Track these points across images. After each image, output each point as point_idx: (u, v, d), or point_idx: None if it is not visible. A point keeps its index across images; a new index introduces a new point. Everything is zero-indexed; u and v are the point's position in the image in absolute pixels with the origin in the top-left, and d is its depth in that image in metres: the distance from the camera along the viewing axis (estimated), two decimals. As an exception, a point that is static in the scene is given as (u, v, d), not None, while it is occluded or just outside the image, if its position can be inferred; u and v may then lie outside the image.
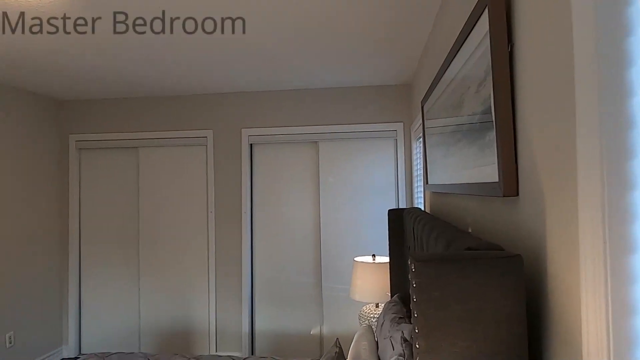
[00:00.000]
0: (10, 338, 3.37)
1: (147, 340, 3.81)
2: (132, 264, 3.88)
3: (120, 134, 3.88)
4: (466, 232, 1.25)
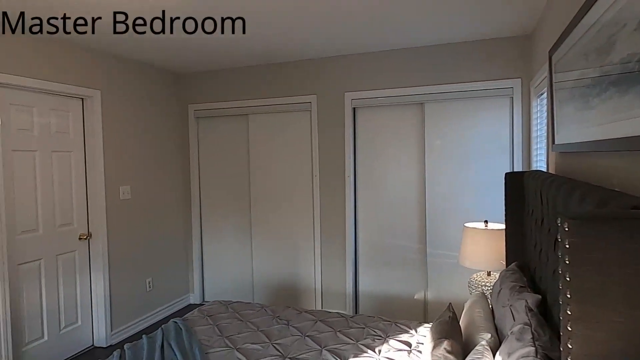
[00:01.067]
0: (149, 283, 3.91)
1: (259, 293, 4.15)
2: (244, 223, 4.20)
3: (231, 102, 4.12)
4: (621, 191, 1.10)
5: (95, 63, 3.37)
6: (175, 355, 2.07)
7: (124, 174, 3.64)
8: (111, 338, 3.48)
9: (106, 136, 3.46)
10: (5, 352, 2.72)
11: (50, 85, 3.02)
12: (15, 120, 2.88)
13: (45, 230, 3.08)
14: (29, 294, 2.96)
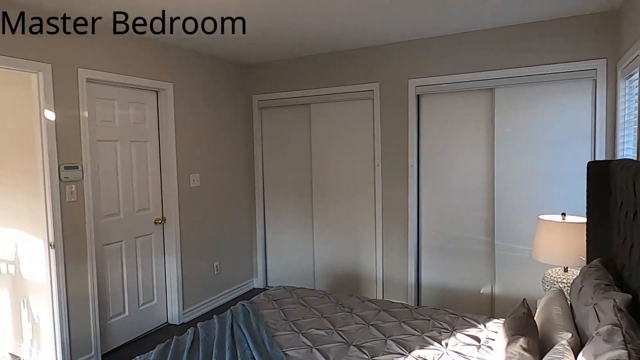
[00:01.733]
0: (217, 267, 4.11)
1: (320, 280, 4.21)
2: (306, 211, 4.26)
3: (293, 92, 4.17)
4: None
5: (168, 57, 3.55)
6: (244, 336, 2.16)
7: (194, 163, 3.83)
8: (183, 316, 3.71)
9: (178, 126, 3.65)
10: (94, 324, 3.00)
11: (129, 80, 3.23)
12: (100, 113, 3.13)
13: (125, 215, 3.33)
14: (112, 273, 3.22)
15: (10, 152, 3.03)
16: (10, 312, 3.20)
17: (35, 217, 2.87)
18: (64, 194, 2.80)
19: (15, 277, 3.14)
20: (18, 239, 3.07)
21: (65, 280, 2.82)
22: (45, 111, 2.70)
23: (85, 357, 2.95)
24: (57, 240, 2.76)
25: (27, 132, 2.84)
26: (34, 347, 3.06)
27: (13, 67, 2.55)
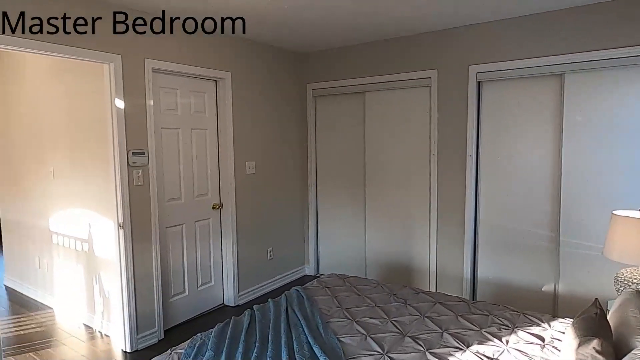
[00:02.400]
0: (270, 252, 4.21)
1: (371, 269, 4.19)
2: (358, 200, 4.24)
3: (348, 80, 4.13)
4: None
5: (226, 47, 3.64)
6: (299, 320, 2.20)
7: (250, 150, 3.92)
8: (238, 299, 3.85)
9: (235, 115, 3.74)
10: (157, 301, 3.18)
11: (190, 69, 3.34)
12: (164, 101, 3.27)
13: (186, 199, 3.48)
14: (174, 254, 3.40)
15: (86, 139, 3.26)
16: (84, 286, 3.47)
17: (107, 199, 3.08)
18: (131, 179, 2.97)
19: (88, 254, 3.40)
20: (91, 219, 3.32)
21: (133, 259, 3.01)
22: (115, 100, 2.87)
23: (150, 332, 3.14)
24: (126, 222, 2.95)
25: (100, 120, 3.04)
26: (105, 319, 3.31)
27: (88, 58, 2.72)
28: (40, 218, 3.84)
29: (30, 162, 3.88)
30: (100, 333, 3.32)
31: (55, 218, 3.67)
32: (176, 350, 1.95)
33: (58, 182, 3.60)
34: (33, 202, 3.91)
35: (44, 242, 3.84)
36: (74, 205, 3.46)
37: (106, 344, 3.16)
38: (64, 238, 3.61)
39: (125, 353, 3.02)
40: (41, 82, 3.65)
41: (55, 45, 2.53)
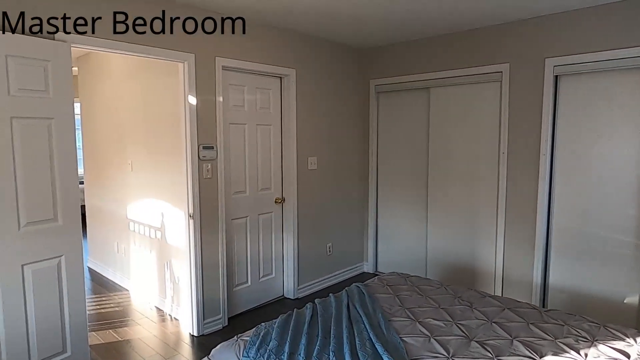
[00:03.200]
0: (329, 247, 4.24)
1: (432, 269, 4.09)
2: (420, 198, 4.15)
3: (412, 75, 4.04)
4: None
5: (291, 44, 3.70)
6: (360, 317, 2.20)
7: (312, 146, 3.96)
8: (297, 292, 3.92)
9: (299, 111, 3.80)
10: (222, 289, 3.32)
11: (257, 67, 3.44)
12: (232, 98, 3.40)
13: (250, 193, 3.60)
14: (238, 245, 3.53)
15: (160, 134, 3.47)
16: (157, 271, 3.71)
17: (178, 191, 3.26)
18: (201, 171, 3.12)
19: (161, 242, 3.62)
20: (164, 209, 3.53)
21: (201, 248, 3.16)
22: (188, 97, 3.02)
23: (215, 318, 3.29)
24: (195, 212, 3.10)
25: (174, 115, 3.22)
26: (174, 303, 3.51)
27: (165, 58, 2.89)
28: (119, 206, 4.15)
29: (112, 155, 4.20)
30: (170, 316, 3.54)
31: (133, 207, 3.96)
32: (242, 337, 2.02)
33: (136, 173, 3.87)
34: (113, 191, 4.23)
35: (122, 229, 4.15)
36: (149, 196, 3.70)
37: (175, 326, 3.36)
38: (140, 226, 3.88)
39: (192, 336, 3.19)
40: (122, 80, 3.94)
41: (137, 46, 2.71)
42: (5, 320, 2.18)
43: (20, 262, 2.24)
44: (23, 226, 2.24)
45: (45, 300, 2.35)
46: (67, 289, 2.44)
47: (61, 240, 2.40)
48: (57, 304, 2.40)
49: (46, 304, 2.35)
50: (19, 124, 2.19)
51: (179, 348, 3.03)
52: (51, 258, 2.37)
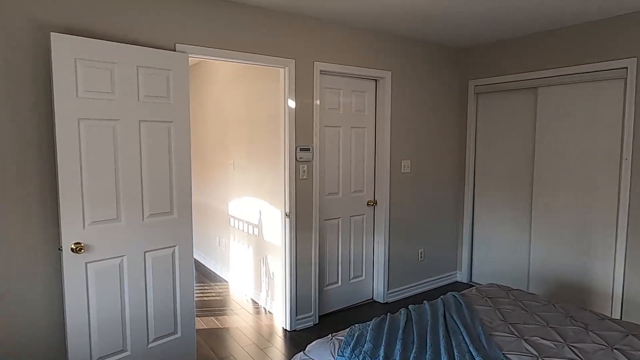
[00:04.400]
0: (421, 253, 4.13)
1: (535, 283, 3.77)
2: (523, 206, 3.85)
3: (517, 75, 3.78)
4: None
5: (387, 46, 3.67)
6: (458, 328, 2.11)
7: (406, 149, 3.90)
8: (387, 296, 3.87)
9: (393, 114, 3.76)
10: (314, 287, 3.41)
11: (353, 70, 3.48)
12: (328, 101, 3.47)
13: (343, 195, 3.64)
14: (330, 246, 3.59)
15: (261, 136, 3.68)
16: (253, 266, 3.93)
17: (276, 190, 3.42)
18: (298, 172, 3.24)
19: (258, 238, 3.83)
20: (262, 207, 3.73)
21: (296, 246, 3.28)
22: (288, 100, 3.15)
23: (306, 315, 3.38)
24: (291, 211, 3.22)
25: (274, 118, 3.39)
26: (269, 297, 3.69)
27: (268, 64, 3.05)
28: (221, 203, 4.48)
29: (216, 155, 4.55)
30: (264, 309, 3.72)
31: (233, 204, 4.24)
32: (337, 336, 2.05)
33: (237, 172, 4.14)
34: (216, 189, 4.58)
35: (223, 224, 4.47)
36: (248, 194, 3.94)
37: (269, 319, 3.52)
38: (239, 222, 4.14)
39: (285, 331, 3.31)
40: (226, 85, 4.24)
41: (243, 54, 2.90)
42: (130, 300, 2.47)
43: (143, 249, 2.52)
44: (146, 217, 2.51)
45: (161, 285, 2.61)
46: (179, 277, 2.69)
47: (176, 232, 2.65)
48: (171, 289, 2.66)
49: (162, 289, 2.62)
50: (145, 127, 2.47)
51: (273, 340, 3.17)
52: (167, 247, 2.63)
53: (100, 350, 2.37)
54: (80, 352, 2.29)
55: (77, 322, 2.28)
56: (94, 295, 2.33)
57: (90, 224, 2.29)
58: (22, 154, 2.19)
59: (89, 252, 2.29)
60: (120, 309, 2.44)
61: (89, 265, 2.30)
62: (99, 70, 2.27)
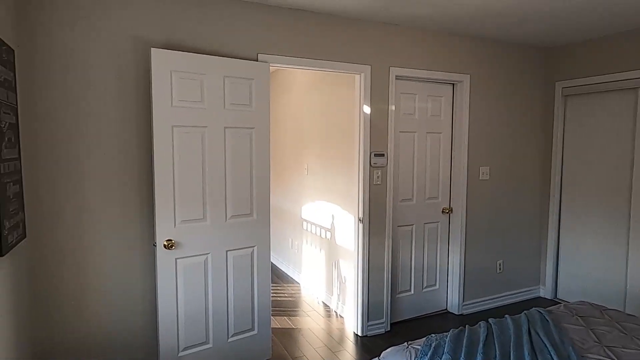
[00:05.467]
0: (500, 265, 3.92)
1: (633, 304, 3.40)
2: (619, 218, 3.50)
3: (613, 74, 3.46)
4: None
5: (465, 49, 3.55)
6: (545, 346, 1.97)
7: (485, 155, 3.73)
8: (462, 308, 3.72)
9: (471, 118, 3.62)
10: (386, 294, 3.37)
11: (429, 74, 3.41)
12: (403, 106, 3.44)
13: (417, 201, 3.58)
14: (403, 253, 3.54)
15: (335, 141, 3.73)
16: (325, 269, 3.98)
17: (349, 195, 3.44)
18: (372, 178, 3.24)
19: (330, 242, 3.88)
20: (334, 211, 3.77)
21: (369, 252, 3.27)
22: (363, 106, 3.17)
23: (378, 321, 3.36)
24: (365, 217, 3.23)
25: (349, 124, 3.43)
26: (340, 301, 3.71)
27: (345, 71, 3.09)
28: (294, 206, 4.60)
29: (291, 159, 4.69)
30: (335, 313, 3.75)
31: (306, 208, 4.34)
32: (413, 345, 2.02)
33: (310, 177, 4.23)
34: (290, 192, 4.72)
35: (296, 227, 4.59)
36: (321, 198, 4.01)
37: (340, 323, 3.55)
38: (312, 225, 4.23)
39: (356, 336, 3.32)
40: (302, 92, 4.36)
41: (321, 61, 2.97)
42: (213, 296, 2.63)
43: (225, 248, 2.67)
44: (229, 218, 2.67)
45: (241, 283, 2.75)
46: (257, 276, 2.81)
47: (255, 233, 2.77)
48: (249, 288, 2.79)
49: (241, 287, 2.75)
50: (229, 133, 2.63)
51: (344, 345, 3.19)
52: (247, 247, 2.76)
53: (187, 340, 2.55)
54: (169, 340, 2.48)
55: (168, 312, 2.47)
56: (181, 289, 2.51)
57: (180, 222, 2.48)
58: (124, 159, 2.43)
59: (178, 248, 2.48)
60: (204, 303, 2.61)
61: (179, 260, 2.49)
62: (191, 81, 2.46)
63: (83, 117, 2.33)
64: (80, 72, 2.30)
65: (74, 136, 2.31)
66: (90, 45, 2.32)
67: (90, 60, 2.32)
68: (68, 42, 2.27)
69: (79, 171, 2.34)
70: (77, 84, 2.30)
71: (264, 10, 2.76)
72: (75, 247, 2.35)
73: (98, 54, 2.33)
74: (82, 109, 2.32)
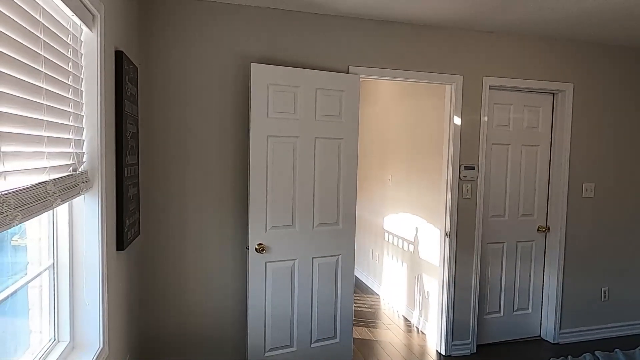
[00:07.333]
0: (605, 292, 3.54)
1: None
2: None
3: None
4: None
5: (568, 55, 3.29)
6: (666, 390, 1.74)
7: (589, 170, 3.41)
8: (559, 336, 3.41)
9: (574, 130, 3.34)
10: (473, 314, 3.21)
11: (526, 84, 3.21)
12: (496, 117, 3.28)
13: (509, 218, 3.37)
14: (492, 271, 3.35)
15: (422, 152, 3.66)
16: (406, 283, 3.90)
17: (435, 208, 3.35)
18: (461, 191, 3.12)
19: (413, 255, 3.80)
20: (418, 224, 3.69)
21: (455, 268, 3.15)
22: (454, 117, 3.08)
23: (463, 342, 3.20)
24: (452, 231, 3.12)
25: (438, 135, 3.34)
26: (422, 317, 3.61)
27: (435, 81, 3.04)
28: (377, 217, 4.58)
29: (374, 170, 4.69)
30: (416, 328, 3.65)
31: (389, 219, 4.30)
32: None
33: (394, 188, 4.19)
34: (373, 202, 4.71)
35: (377, 237, 4.56)
36: (405, 210, 3.94)
37: (422, 340, 3.44)
38: (394, 237, 4.17)
39: (439, 355, 3.19)
40: (388, 101, 4.35)
41: (411, 72, 2.95)
42: (298, 301, 2.71)
43: (311, 255, 2.74)
44: (316, 226, 2.74)
45: (325, 291, 2.80)
46: (340, 284, 2.84)
47: (340, 242, 2.81)
48: (333, 296, 2.83)
49: (325, 294, 2.80)
50: (319, 143, 2.71)
51: (426, 362, 3.09)
52: (332, 255, 2.81)
53: (273, 342, 2.65)
54: (257, 340, 2.60)
55: (257, 312, 2.59)
56: (270, 292, 2.62)
57: (271, 228, 2.60)
58: (221, 166, 2.62)
59: (268, 252, 2.60)
60: (290, 307, 2.69)
61: (268, 264, 2.61)
62: (285, 94, 2.58)
63: (189, 127, 2.55)
64: (190, 87, 2.54)
65: (181, 144, 2.55)
66: (200, 62, 2.54)
67: (199, 76, 2.55)
68: (183, 60, 2.51)
69: (182, 176, 2.56)
70: (187, 98, 2.54)
71: (355, 23, 2.81)
72: (175, 245, 2.57)
73: (205, 70, 2.55)
74: (189, 121, 2.55)
